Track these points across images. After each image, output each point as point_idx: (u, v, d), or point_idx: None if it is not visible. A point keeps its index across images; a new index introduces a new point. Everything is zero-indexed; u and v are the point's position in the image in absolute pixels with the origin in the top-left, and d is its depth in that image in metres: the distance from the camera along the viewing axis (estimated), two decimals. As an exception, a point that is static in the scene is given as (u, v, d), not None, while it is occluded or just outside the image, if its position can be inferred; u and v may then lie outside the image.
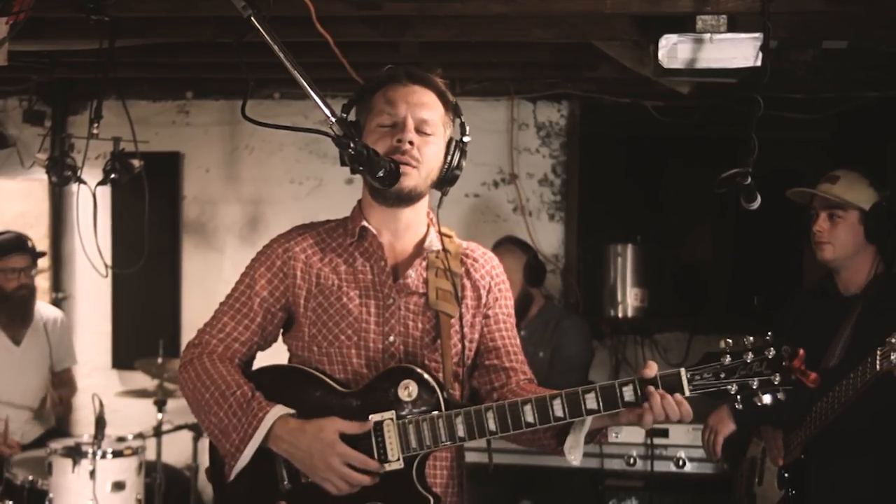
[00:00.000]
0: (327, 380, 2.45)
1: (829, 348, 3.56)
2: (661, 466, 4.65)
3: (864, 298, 3.58)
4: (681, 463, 4.62)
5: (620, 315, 5.59)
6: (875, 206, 3.56)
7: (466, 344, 2.53)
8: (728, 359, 2.23)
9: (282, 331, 2.61)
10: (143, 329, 6.05)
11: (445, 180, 2.52)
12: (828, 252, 3.62)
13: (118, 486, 4.58)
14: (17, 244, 5.29)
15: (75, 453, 4.51)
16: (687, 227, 6.02)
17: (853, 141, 5.44)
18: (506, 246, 5.10)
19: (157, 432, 5.13)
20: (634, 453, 4.63)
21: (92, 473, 4.47)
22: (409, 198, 2.46)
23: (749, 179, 2.96)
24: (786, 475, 3.62)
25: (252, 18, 2.18)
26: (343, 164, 2.46)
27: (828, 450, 3.48)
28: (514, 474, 4.57)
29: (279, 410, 2.38)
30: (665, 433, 4.63)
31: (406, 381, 2.36)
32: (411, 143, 2.41)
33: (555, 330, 4.99)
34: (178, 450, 5.66)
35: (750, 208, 3.00)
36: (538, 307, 5.09)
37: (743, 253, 5.77)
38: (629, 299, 5.58)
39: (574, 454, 2.34)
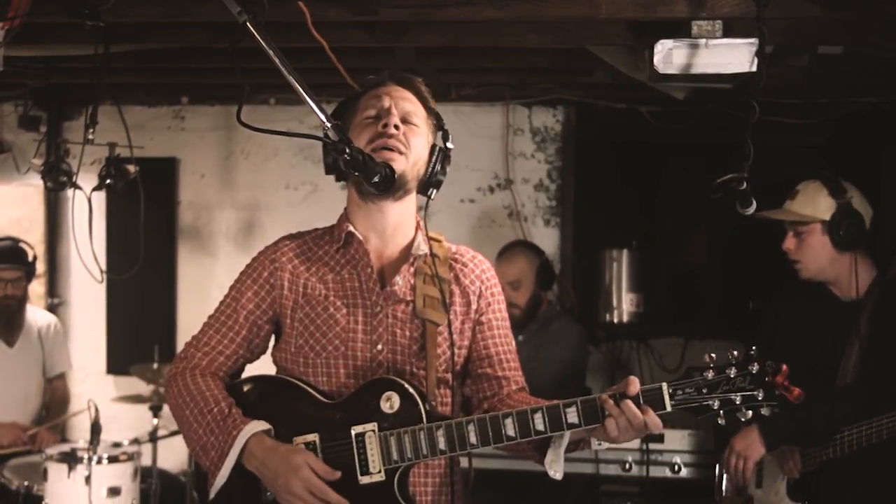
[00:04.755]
0: (311, 390, 2.44)
1: (842, 360, 3.55)
2: (656, 472, 4.65)
3: (866, 306, 3.56)
4: (676, 468, 4.62)
5: (616, 320, 5.58)
6: (836, 215, 3.55)
7: (456, 351, 2.50)
8: (711, 373, 2.20)
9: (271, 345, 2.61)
10: (139, 334, 6.04)
11: (430, 183, 2.50)
12: (803, 271, 3.65)
13: (114, 491, 4.58)
14: (10, 256, 5.28)
15: (71, 459, 4.51)
16: (682, 232, 6.02)
17: (848, 146, 5.44)
18: (518, 249, 5.13)
19: (153, 438, 5.11)
20: (630, 458, 4.63)
21: (87, 479, 4.47)
22: (396, 186, 2.41)
23: (744, 184, 2.95)
24: (800, 486, 3.60)
25: (247, 24, 2.18)
26: (328, 171, 2.47)
27: (847, 467, 3.47)
28: (508, 479, 4.56)
29: (254, 427, 2.37)
30: (661, 439, 4.63)
31: (388, 393, 2.35)
32: (397, 127, 2.41)
33: (546, 331, 4.99)
34: (173, 455, 5.64)
35: (745, 213, 3.00)
36: (540, 311, 5.10)
37: (738, 258, 5.76)
38: (625, 304, 5.56)
39: (555, 469, 2.33)
